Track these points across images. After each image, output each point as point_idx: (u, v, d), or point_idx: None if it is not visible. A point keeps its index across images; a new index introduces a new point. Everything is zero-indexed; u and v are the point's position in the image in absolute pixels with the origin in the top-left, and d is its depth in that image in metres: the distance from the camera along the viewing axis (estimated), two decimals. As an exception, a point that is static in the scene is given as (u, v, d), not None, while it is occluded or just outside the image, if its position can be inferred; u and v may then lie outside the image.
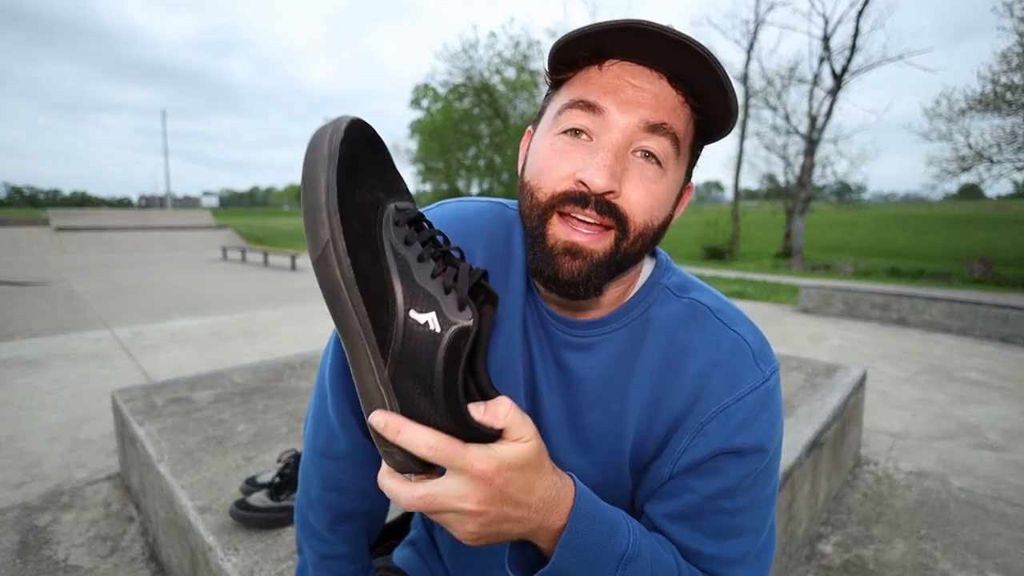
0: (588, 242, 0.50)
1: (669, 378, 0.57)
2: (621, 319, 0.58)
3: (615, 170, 0.49)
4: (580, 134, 0.51)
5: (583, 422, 0.59)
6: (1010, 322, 5.04)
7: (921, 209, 45.42)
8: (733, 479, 0.54)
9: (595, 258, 0.51)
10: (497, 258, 0.62)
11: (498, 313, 0.60)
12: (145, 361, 4.09)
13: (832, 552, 1.83)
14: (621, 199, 0.50)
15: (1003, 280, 11.86)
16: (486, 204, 0.66)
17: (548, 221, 0.52)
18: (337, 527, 0.70)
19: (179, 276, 9.97)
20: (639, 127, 0.49)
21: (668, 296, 0.60)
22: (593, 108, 0.50)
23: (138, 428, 1.80)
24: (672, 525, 0.56)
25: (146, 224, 19.92)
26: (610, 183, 0.48)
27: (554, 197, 0.51)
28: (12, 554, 1.72)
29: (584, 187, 0.49)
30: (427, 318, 0.40)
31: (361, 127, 0.43)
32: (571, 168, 0.50)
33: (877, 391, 3.49)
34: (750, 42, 18.97)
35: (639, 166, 0.50)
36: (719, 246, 18.95)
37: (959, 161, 13.93)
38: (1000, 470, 2.41)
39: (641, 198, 0.50)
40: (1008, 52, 12.31)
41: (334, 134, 0.41)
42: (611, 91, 0.49)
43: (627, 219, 0.50)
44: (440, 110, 28.86)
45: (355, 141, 0.42)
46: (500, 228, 0.63)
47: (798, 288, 7.14)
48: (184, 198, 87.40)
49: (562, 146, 0.51)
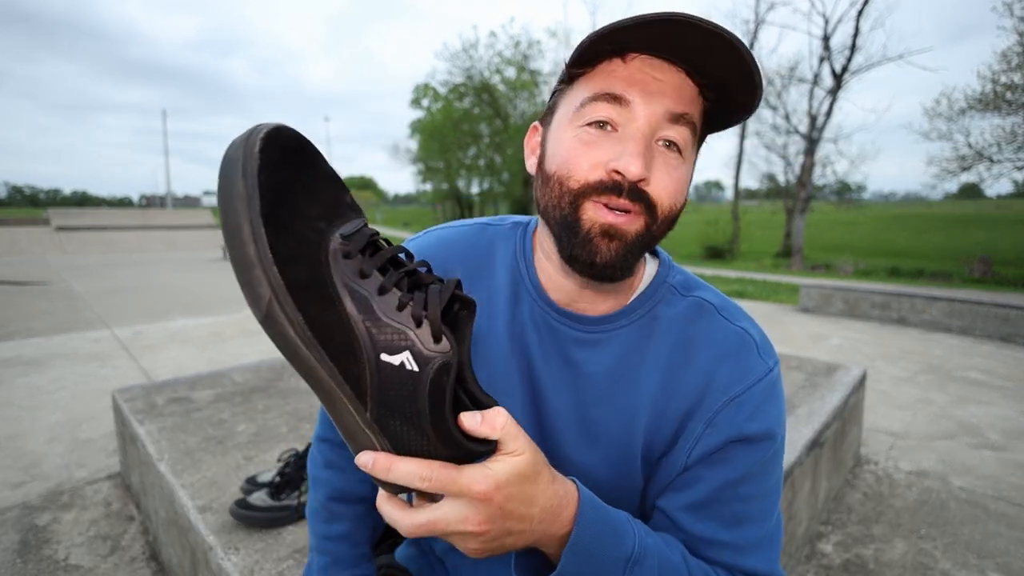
0: (623, 223, 0.52)
1: (678, 372, 0.58)
2: (629, 316, 0.60)
3: (647, 159, 0.51)
4: (605, 125, 0.52)
5: (592, 417, 0.59)
6: (1010, 321, 5.04)
7: (921, 208, 45.42)
8: (744, 467, 0.56)
9: (629, 239, 0.52)
10: (475, 269, 0.64)
11: (481, 321, 0.61)
12: (145, 361, 4.09)
13: (832, 551, 1.83)
14: (651, 186, 0.52)
15: (1003, 280, 11.86)
16: (467, 227, 0.68)
17: (580, 208, 0.53)
18: (334, 505, 0.71)
19: (179, 276, 9.97)
20: (664, 117, 0.51)
21: (674, 295, 0.62)
22: (619, 100, 0.51)
23: (138, 427, 1.80)
24: (688, 516, 0.57)
25: (146, 224, 19.93)
26: (643, 171, 0.50)
27: (587, 186, 0.52)
28: (12, 553, 1.72)
29: (618, 176, 0.51)
30: (401, 359, 0.37)
31: (276, 140, 0.36)
32: (602, 157, 0.51)
33: (877, 391, 3.49)
34: (750, 42, 18.96)
35: (663, 155, 0.52)
36: (719, 245, 18.95)
37: (959, 160, 13.93)
38: (1000, 470, 2.41)
39: (668, 184, 0.53)
40: (1008, 51, 12.31)
41: (247, 162, 0.34)
42: (635, 83, 0.51)
43: (656, 205, 0.52)
44: (440, 110, 28.88)
45: (274, 163, 0.36)
46: (481, 243, 0.66)
47: (798, 287, 7.14)
48: (184, 198, 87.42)
49: (589, 137, 0.52)
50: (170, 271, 10.75)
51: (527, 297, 0.62)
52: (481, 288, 0.64)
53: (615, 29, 0.47)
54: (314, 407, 2.03)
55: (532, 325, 0.62)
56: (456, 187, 32.22)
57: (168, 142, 41.65)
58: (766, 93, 19.02)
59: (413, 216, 48.71)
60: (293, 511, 1.25)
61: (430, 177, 33.22)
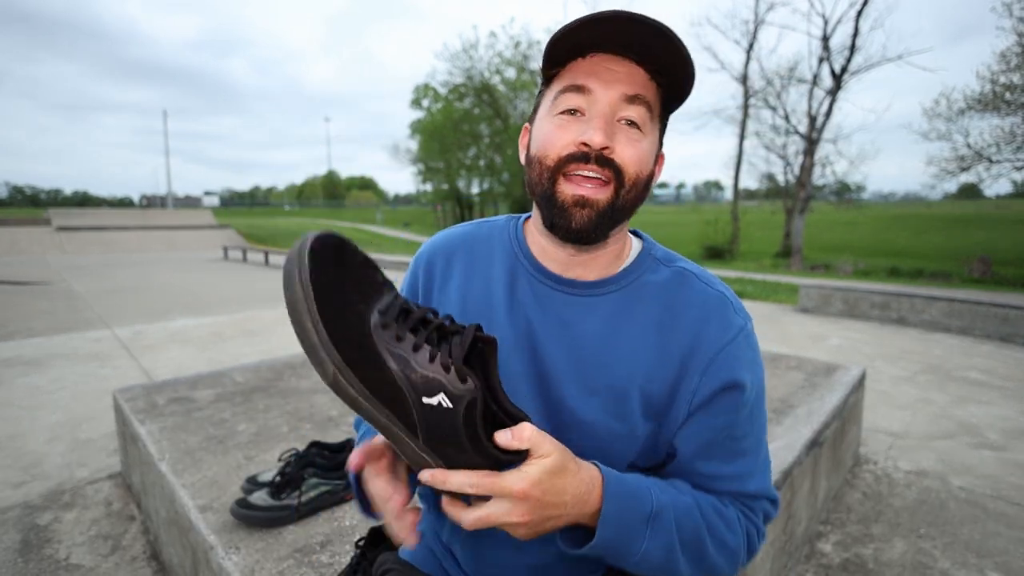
0: (593, 193, 0.61)
1: (667, 331, 0.66)
2: (618, 283, 0.69)
3: (608, 131, 0.60)
4: (575, 112, 0.62)
5: (589, 372, 0.67)
6: (1009, 321, 5.04)
7: (920, 209, 45.42)
8: (737, 409, 0.65)
9: (600, 206, 0.62)
10: (476, 256, 0.75)
11: (487, 291, 0.72)
12: (145, 361, 4.09)
13: (831, 551, 1.83)
14: (616, 154, 0.61)
15: (1002, 279, 11.88)
16: (469, 225, 0.80)
17: (557, 182, 0.62)
18: None
19: (180, 276, 9.98)
20: (620, 99, 0.61)
21: (658, 265, 0.71)
22: (582, 89, 0.61)
23: (139, 427, 1.81)
24: (695, 460, 0.67)
25: (147, 224, 19.93)
26: (606, 139, 0.59)
27: (560, 160, 0.62)
28: (14, 553, 1.73)
29: (585, 147, 0.60)
30: (438, 399, 0.48)
31: (320, 247, 0.48)
32: (572, 136, 0.61)
33: (877, 390, 3.49)
34: (750, 42, 18.98)
35: (624, 130, 0.62)
36: (719, 245, 18.95)
37: (958, 161, 13.93)
38: (999, 469, 2.42)
39: (632, 153, 0.62)
40: (1007, 52, 12.31)
41: (301, 271, 0.46)
42: (594, 74, 0.61)
43: (622, 170, 0.61)
44: (440, 110, 28.88)
45: (321, 265, 0.47)
46: (480, 234, 0.77)
47: (798, 287, 7.14)
48: (185, 198, 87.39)
49: (561, 122, 0.62)
50: (170, 271, 10.75)
51: (523, 272, 0.71)
52: (479, 280, 0.73)
53: (569, 29, 0.58)
54: (314, 407, 2.04)
55: (531, 296, 0.70)
56: (456, 187, 32.23)
57: (169, 142, 41.66)
58: (765, 93, 19.08)
59: (413, 216, 48.62)
60: (294, 511, 1.25)
61: (430, 177, 33.22)
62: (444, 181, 32.20)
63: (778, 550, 1.57)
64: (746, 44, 19.06)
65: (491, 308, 0.71)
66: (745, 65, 19.17)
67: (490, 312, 0.71)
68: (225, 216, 33.85)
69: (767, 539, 1.45)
